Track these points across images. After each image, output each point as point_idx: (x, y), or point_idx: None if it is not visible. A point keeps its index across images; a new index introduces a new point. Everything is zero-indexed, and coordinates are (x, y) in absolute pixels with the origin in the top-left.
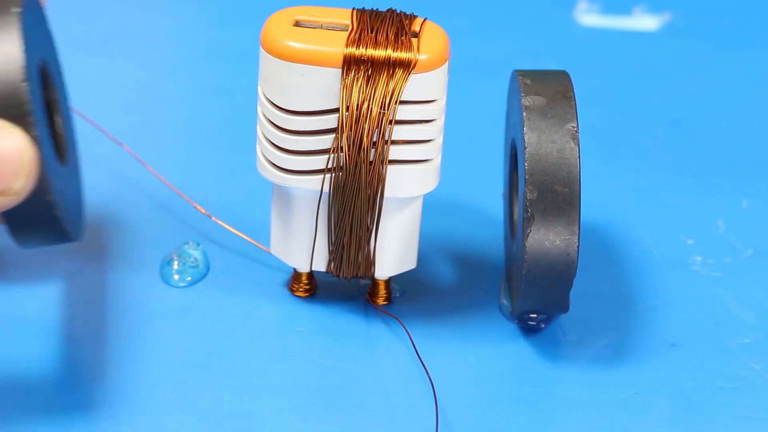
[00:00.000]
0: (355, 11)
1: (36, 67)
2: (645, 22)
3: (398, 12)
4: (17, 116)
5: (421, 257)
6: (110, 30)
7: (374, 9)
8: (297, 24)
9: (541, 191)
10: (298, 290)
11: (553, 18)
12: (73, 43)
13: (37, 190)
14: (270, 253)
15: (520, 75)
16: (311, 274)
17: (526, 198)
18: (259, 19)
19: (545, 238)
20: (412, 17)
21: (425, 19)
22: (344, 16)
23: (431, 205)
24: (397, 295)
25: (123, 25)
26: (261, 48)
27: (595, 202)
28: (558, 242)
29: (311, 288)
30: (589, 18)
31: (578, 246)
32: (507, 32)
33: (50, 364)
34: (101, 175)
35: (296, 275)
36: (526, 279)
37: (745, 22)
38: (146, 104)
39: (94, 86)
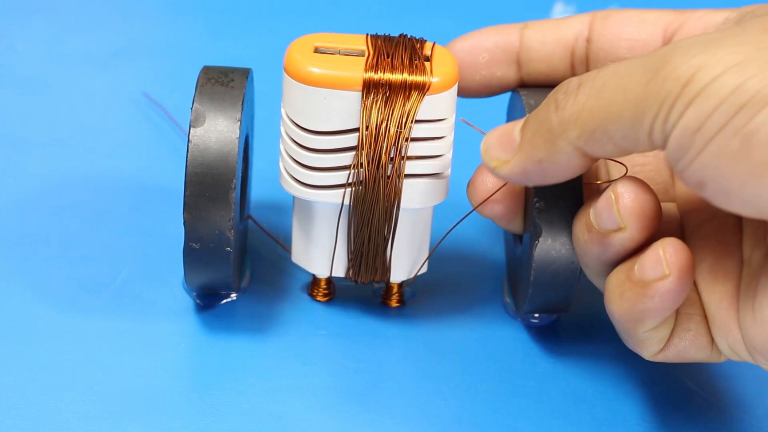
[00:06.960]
0: (369, 37)
1: (244, 142)
2: None
3: (409, 37)
4: (222, 198)
5: (429, 261)
6: (118, 42)
7: (387, 34)
8: (317, 50)
9: (548, 205)
10: (317, 295)
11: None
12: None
13: (221, 241)
14: (284, 261)
15: (523, 95)
16: (329, 280)
17: (534, 211)
18: (265, 30)
19: (552, 248)
20: (422, 42)
21: (434, 43)
22: (360, 42)
23: (435, 211)
24: (409, 297)
25: (130, 37)
26: (284, 73)
27: None
28: (564, 251)
29: (330, 293)
30: None
31: None
32: None
33: (71, 365)
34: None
35: (315, 281)
36: (533, 284)
37: None
38: (155, 114)
39: (105, 98)
